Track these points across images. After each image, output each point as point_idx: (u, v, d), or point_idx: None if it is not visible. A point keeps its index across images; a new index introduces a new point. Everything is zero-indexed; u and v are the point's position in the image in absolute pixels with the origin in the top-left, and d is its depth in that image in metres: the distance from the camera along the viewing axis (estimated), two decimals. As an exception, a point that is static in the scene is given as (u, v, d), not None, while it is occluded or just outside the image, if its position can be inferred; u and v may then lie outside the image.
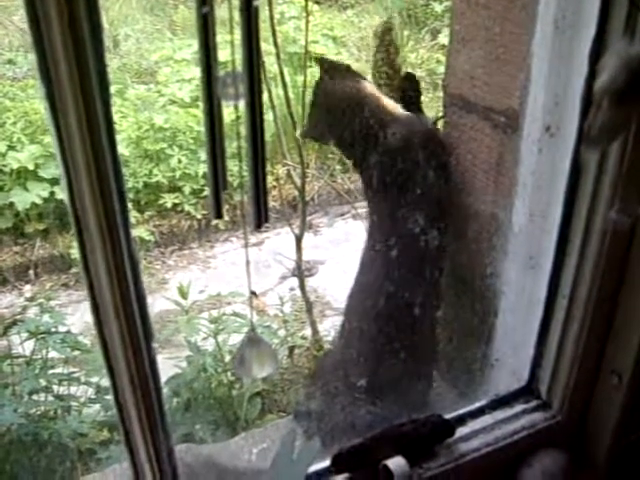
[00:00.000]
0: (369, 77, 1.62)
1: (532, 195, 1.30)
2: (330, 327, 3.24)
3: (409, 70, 1.61)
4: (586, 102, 1.10)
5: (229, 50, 0.69)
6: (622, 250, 1.20)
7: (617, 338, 1.29)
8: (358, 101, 1.47)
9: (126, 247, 0.80)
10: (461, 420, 1.33)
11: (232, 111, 0.71)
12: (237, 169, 0.88)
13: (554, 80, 1.19)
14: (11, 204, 3.84)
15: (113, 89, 4.58)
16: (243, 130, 0.71)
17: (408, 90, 1.58)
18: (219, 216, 0.72)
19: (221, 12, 0.75)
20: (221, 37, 0.70)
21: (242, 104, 0.68)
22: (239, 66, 0.67)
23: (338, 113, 1.49)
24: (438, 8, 5.68)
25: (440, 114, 1.53)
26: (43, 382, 2.43)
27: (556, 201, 1.22)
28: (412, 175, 1.41)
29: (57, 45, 0.67)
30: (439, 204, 1.46)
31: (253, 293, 2.74)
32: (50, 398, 2.43)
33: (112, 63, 5.23)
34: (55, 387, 2.46)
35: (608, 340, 1.30)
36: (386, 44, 1.63)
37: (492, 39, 1.35)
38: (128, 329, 0.85)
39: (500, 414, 1.36)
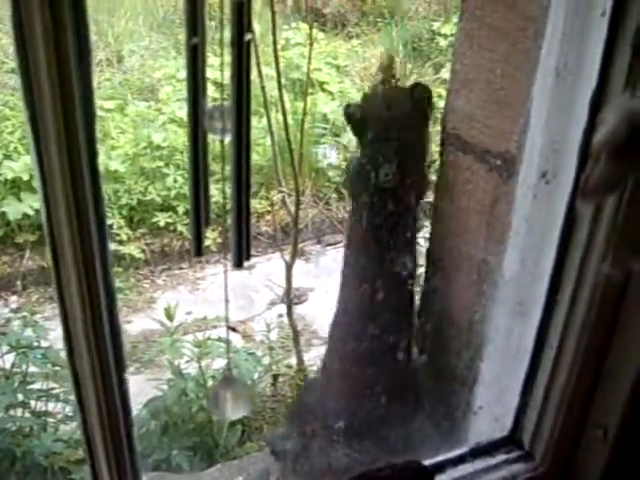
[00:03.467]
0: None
1: (524, 241, 1.28)
2: (316, 357, 3.21)
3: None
4: (584, 151, 1.09)
5: (227, 81, 0.67)
6: (613, 303, 1.17)
7: (604, 392, 1.26)
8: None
9: (102, 275, 0.77)
10: (441, 467, 1.30)
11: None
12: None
13: (553, 126, 1.18)
14: (3, 214, 3.81)
15: (113, 104, 4.59)
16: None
17: None
18: (199, 254, 0.69)
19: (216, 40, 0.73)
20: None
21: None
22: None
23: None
24: (443, 43, 5.71)
25: (434, 158, 1.52)
26: (21, 397, 2.39)
27: (549, 249, 1.20)
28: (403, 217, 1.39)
29: (41, 66, 0.65)
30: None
31: (232, 329, 2.71)
32: (27, 414, 2.39)
33: (114, 78, 5.24)
34: (33, 403, 2.42)
35: (595, 393, 1.27)
36: (390, 76, 1.63)
37: (493, 81, 1.34)
38: (99, 362, 0.83)
39: (481, 463, 1.33)
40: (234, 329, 2.88)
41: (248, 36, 0.62)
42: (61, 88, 0.66)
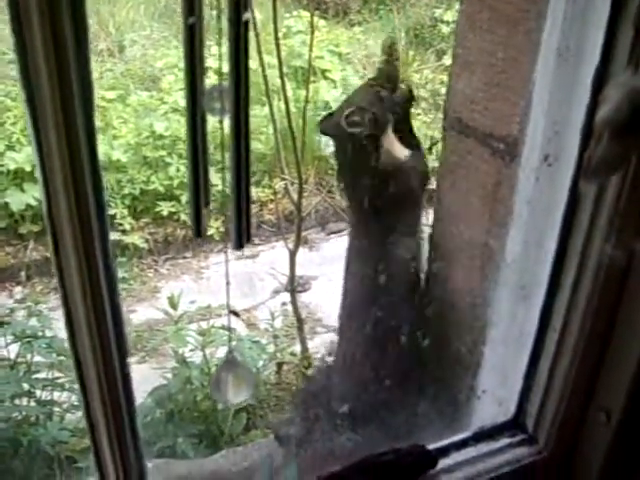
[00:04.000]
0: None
1: (527, 224, 1.27)
2: (320, 344, 3.22)
3: (411, 88, 1.60)
4: (586, 133, 1.08)
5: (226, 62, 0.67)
6: (617, 285, 1.17)
7: (607, 375, 1.26)
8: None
9: (103, 263, 0.77)
10: (444, 451, 1.29)
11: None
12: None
13: (555, 109, 1.17)
14: (6, 204, 3.81)
15: (115, 94, 4.59)
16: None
17: (404, 104, 1.57)
18: (199, 234, 0.69)
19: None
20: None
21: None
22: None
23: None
24: (445, 30, 5.69)
25: (435, 140, 1.52)
26: (26, 386, 2.41)
27: (551, 232, 1.19)
28: (404, 200, 1.39)
29: (39, 51, 0.65)
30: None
31: (234, 313, 2.71)
32: (32, 403, 2.40)
33: (116, 68, 5.24)
34: (38, 392, 2.43)
35: (598, 377, 1.27)
36: (393, 59, 1.61)
37: (494, 64, 1.33)
38: (101, 346, 0.82)
39: (484, 447, 1.32)
40: (236, 313, 2.88)
41: (246, 15, 0.61)
42: (59, 74, 0.65)
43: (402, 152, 1.51)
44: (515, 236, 1.30)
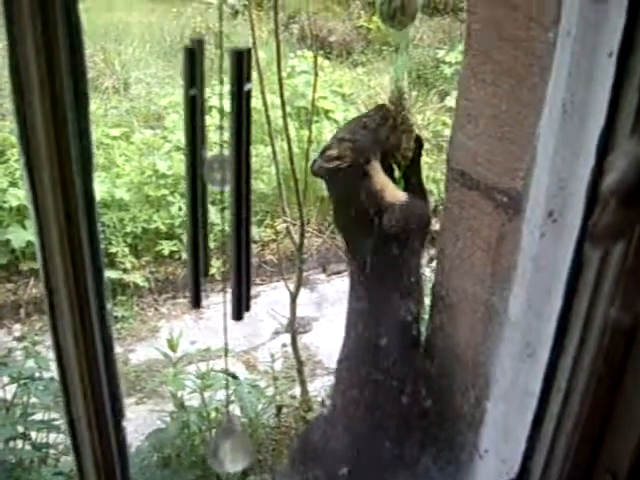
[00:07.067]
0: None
1: (531, 281, 1.25)
2: (320, 387, 3.19)
3: (416, 132, 1.58)
4: (591, 190, 1.07)
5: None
6: (622, 347, 1.15)
7: (613, 436, 1.23)
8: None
9: (98, 325, 0.75)
10: (445, 512, 1.27)
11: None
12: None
13: (559, 165, 1.16)
14: (7, 241, 3.81)
15: (119, 132, 4.61)
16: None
17: (414, 153, 1.56)
18: (197, 305, 0.68)
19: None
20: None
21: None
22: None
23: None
24: (447, 71, 5.73)
25: (439, 202, 1.51)
26: (21, 429, 2.37)
27: (556, 290, 1.18)
28: (407, 262, 1.38)
29: (36, 108, 0.64)
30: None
31: (233, 376, 2.69)
32: (27, 447, 2.36)
33: (121, 106, 5.28)
34: (33, 434, 2.39)
35: (604, 438, 1.24)
36: (401, 109, 1.59)
37: (498, 117, 1.33)
38: (95, 409, 0.80)
39: (487, 508, 1.30)
40: (235, 376, 2.84)
41: (248, 86, 0.60)
42: (53, 115, 0.64)
43: (396, 191, 1.49)
44: (519, 293, 1.28)
